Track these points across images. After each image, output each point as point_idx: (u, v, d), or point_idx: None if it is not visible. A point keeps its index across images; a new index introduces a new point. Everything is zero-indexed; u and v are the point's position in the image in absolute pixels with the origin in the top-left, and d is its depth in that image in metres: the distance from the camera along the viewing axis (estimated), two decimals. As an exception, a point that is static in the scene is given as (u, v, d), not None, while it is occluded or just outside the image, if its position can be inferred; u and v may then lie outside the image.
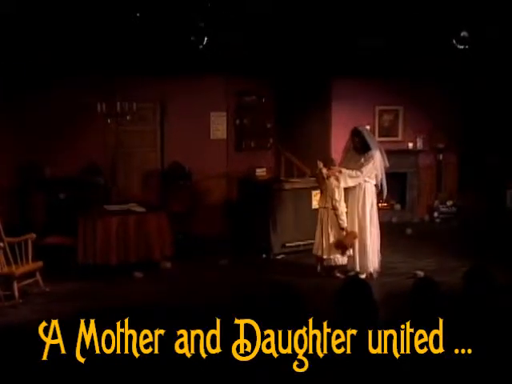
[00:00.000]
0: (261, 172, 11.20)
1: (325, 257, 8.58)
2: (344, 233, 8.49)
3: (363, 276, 8.42)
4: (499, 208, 12.05)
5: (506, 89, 11.69)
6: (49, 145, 10.58)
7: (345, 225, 8.49)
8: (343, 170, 8.52)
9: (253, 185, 10.78)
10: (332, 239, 8.53)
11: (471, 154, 12.84)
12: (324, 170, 8.59)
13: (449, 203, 13.07)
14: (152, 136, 11.51)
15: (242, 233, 10.72)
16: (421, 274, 8.45)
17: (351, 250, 8.57)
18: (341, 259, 8.59)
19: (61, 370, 4.88)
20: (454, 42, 8.11)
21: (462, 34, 8.04)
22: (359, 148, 8.59)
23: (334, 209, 8.48)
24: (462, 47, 8.11)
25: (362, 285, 4.02)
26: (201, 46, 7.87)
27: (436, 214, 13.04)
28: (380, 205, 12.74)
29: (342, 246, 8.51)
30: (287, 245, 10.05)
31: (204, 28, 7.75)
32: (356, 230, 8.53)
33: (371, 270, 8.59)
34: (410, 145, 12.92)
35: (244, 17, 8.11)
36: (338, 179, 8.50)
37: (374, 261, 8.60)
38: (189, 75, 11.10)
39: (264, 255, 9.95)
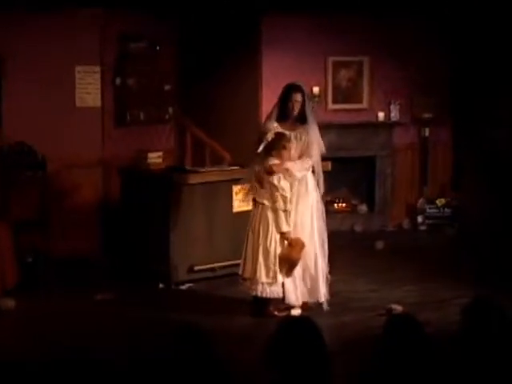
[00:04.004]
0: (155, 158, 11.12)
1: (263, 280, 8.60)
2: (286, 241, 8.57)
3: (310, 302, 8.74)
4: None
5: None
6: None
7: (287, 228, 8.56)
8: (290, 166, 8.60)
9: (143, 177, 10.79)
10: (272, 252, 8.59)
11: (472, 128, 13.04)
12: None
13: (439, 202, 13.28)
14: (-17, 104, 11.36)
15: (127, 251, 10.70)
16: (398, 308, 8.64)
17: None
18: (275, 290, 8.64)
19: None
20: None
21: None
22: (296, 116, 8.70)
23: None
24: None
25: (306, 327, 4.00)
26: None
27: (420, 219, 13.25)
28: (336, 205, 12.98)
29: (289, 261, 8.57)
30: (196, 268, 10.07)
31: None
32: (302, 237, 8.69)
33: (323, 298, 8.76)
34: (381, 115, 13.08)
35: None
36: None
37: (323, 286, 8.79)
38: (41, 10, 10.96)
39: (161, 284, 10.00)
